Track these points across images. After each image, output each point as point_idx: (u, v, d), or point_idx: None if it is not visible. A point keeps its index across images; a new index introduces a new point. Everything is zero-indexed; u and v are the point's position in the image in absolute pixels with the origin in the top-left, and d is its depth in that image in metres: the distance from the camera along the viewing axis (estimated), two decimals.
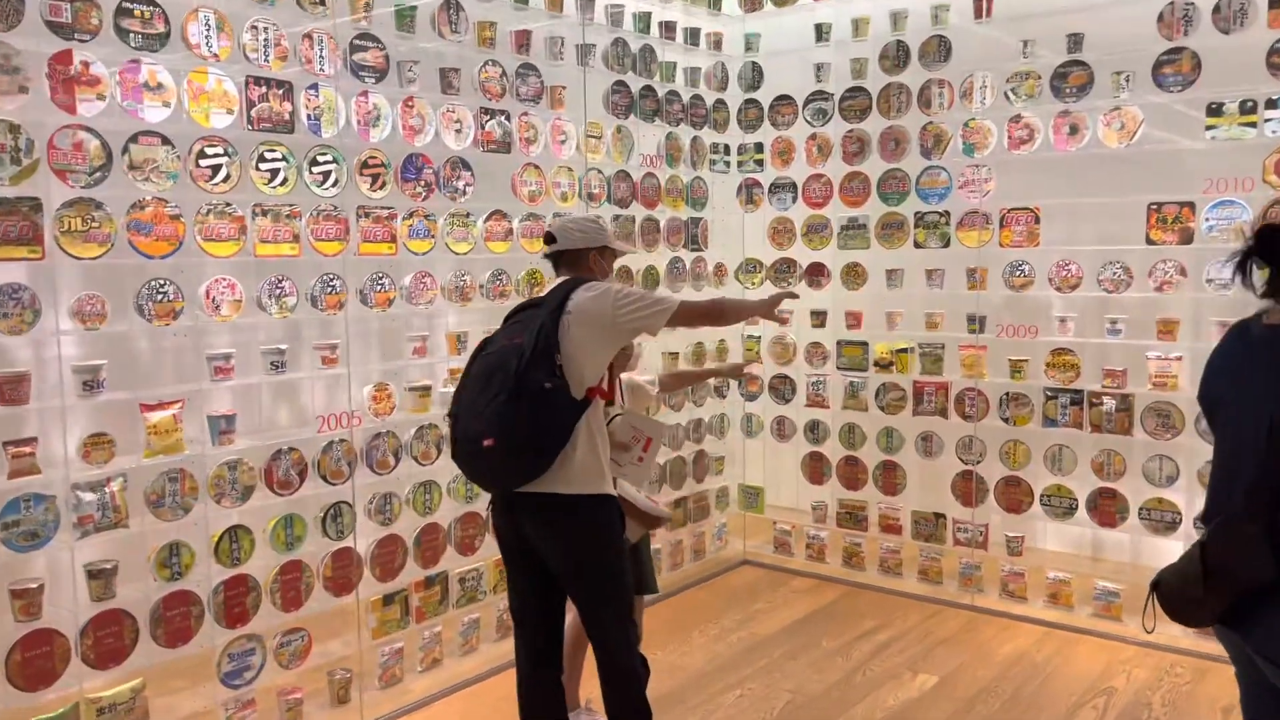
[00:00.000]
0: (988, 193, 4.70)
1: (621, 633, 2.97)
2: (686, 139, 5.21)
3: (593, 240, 3.01)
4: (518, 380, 2.71)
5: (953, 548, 4.94)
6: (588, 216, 3.05)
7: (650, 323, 2.84)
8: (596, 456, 2.82)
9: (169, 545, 3.21)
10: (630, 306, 2.81)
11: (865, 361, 5.17)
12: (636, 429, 3.26)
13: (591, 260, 3.01)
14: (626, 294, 2.84)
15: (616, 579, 2.92)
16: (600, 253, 3.03)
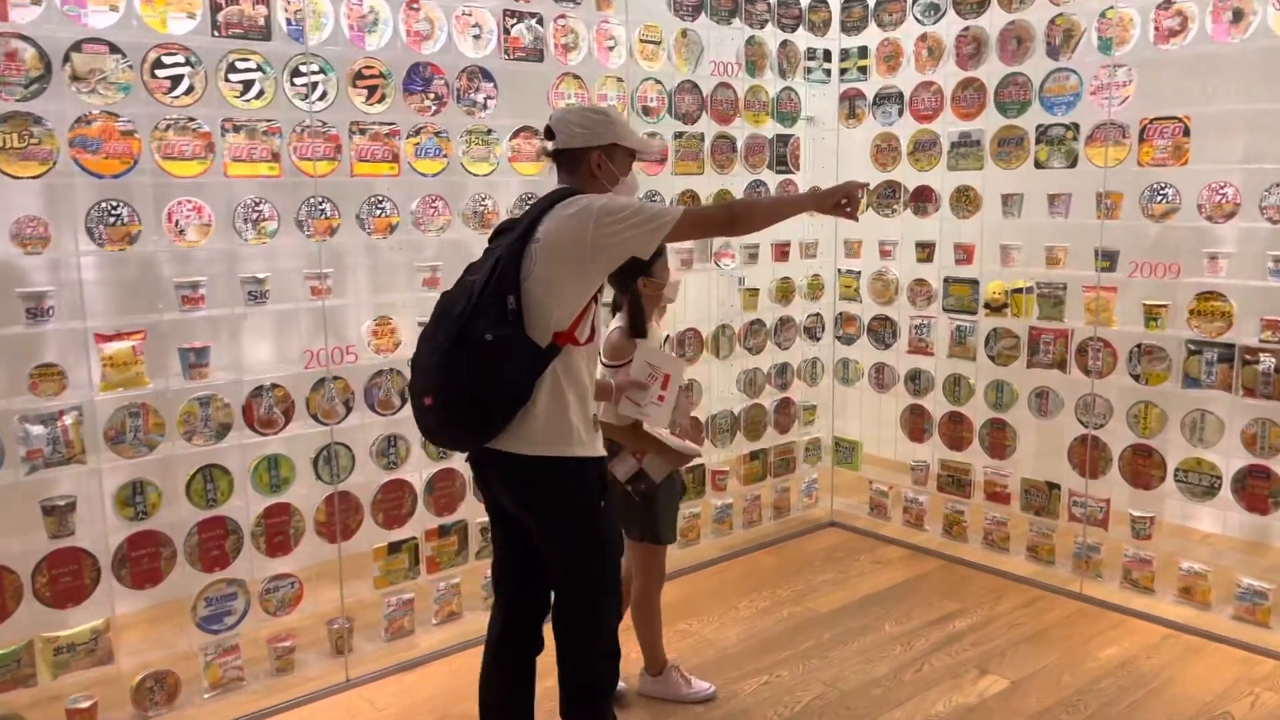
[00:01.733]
0: (1125, 99, 3.82)
1: (587, 623, 2.55)
2: (773, 44, 4.56)
3: (596, 136, 2.46)
4: (459, 329, 2.32)
5: (1067, 523, 4.20)
6: (595, 107, 2.54)
7: (638, 243, 2.33)
8: (564, 412, 2.39)
9: (132, 483, 3.05)
10: (613, 224, 2.30)
11: (974, 303, 4.42)
12: (653, 366, 2.85)
13: (594, 163, 2.47)
14: (613, 208, 2.32)
15: (584, 557, 2.50)
16: (606, 153, 2.47)
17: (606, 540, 2.53)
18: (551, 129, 2.48)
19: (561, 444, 2.39)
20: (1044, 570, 4.23)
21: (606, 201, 2.35)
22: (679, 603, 3.99)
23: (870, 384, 4.92)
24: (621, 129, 2.50)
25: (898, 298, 4.73)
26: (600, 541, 2.51)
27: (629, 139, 2.51)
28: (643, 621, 3.26)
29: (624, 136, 2.50)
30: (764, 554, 4.57)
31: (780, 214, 2.61)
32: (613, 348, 3.02)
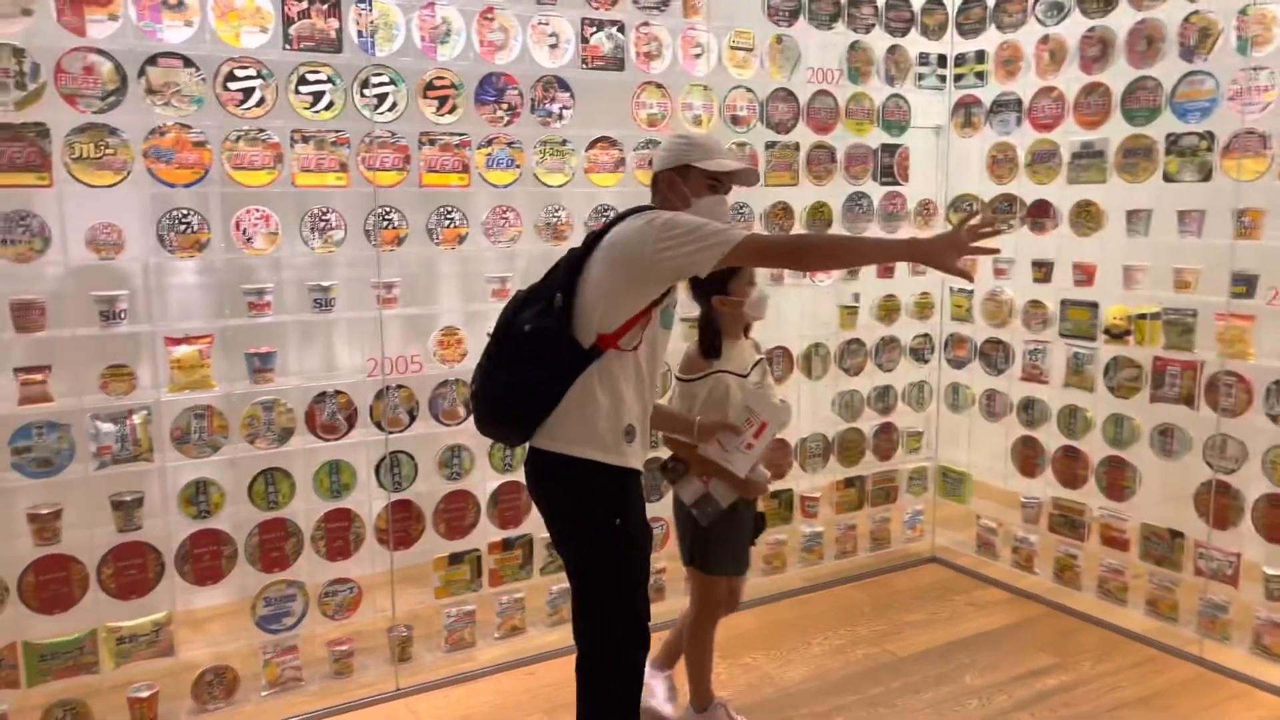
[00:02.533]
0: (1267, 106, 3.40)
1: (598, 647, 2.49)
2: (880, 49, 4.32)
3: (671, 159, 2.50)
4: (506, 321, 2.43)
5: (1192, 577, 3.77)
6: (686, 132, 2.54)
7: (695, 260, 2.27)
8: (594, 415, 2.37)
9: (195, 482, 3.15)
10: (672, 238, 2.26)
11: (1094, 328, 4.04)
12: (752, 411, 2.77)
13: (665, 185, 2.50)
14: (676, 223, 2.29)
15: (591, 571, 2.46)
16: (680, 174, 2.48)
17: (622, 559, 2.44)
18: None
19: (583, 445, 2.37)
20: (1164, 628, 3.81)
21: (672, 216, 2.32)
22: (749, 633, 3.82)
23: (981, 412, 4.58)
24: (698, 152, 2.48)
25: (1012, 320, 4.38)
26: (613, 558, 2.43)
27: (704, 162, 2.46)
28: (690, 652, 3.12)
29: (698, 159, 2.46)
30: (854, 587, 4.32)
31: (864, 258, 2.49)
32: (687, 361, 2.97)
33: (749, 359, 3.01)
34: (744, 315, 2.94)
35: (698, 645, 3.10)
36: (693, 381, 2.92)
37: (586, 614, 2.49)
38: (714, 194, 2.50)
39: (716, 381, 2.90)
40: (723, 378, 2.90)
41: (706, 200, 2.48)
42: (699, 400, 2.90)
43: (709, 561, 3.01)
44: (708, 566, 3.02)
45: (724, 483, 2.88)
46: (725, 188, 2.53)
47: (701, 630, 3.09)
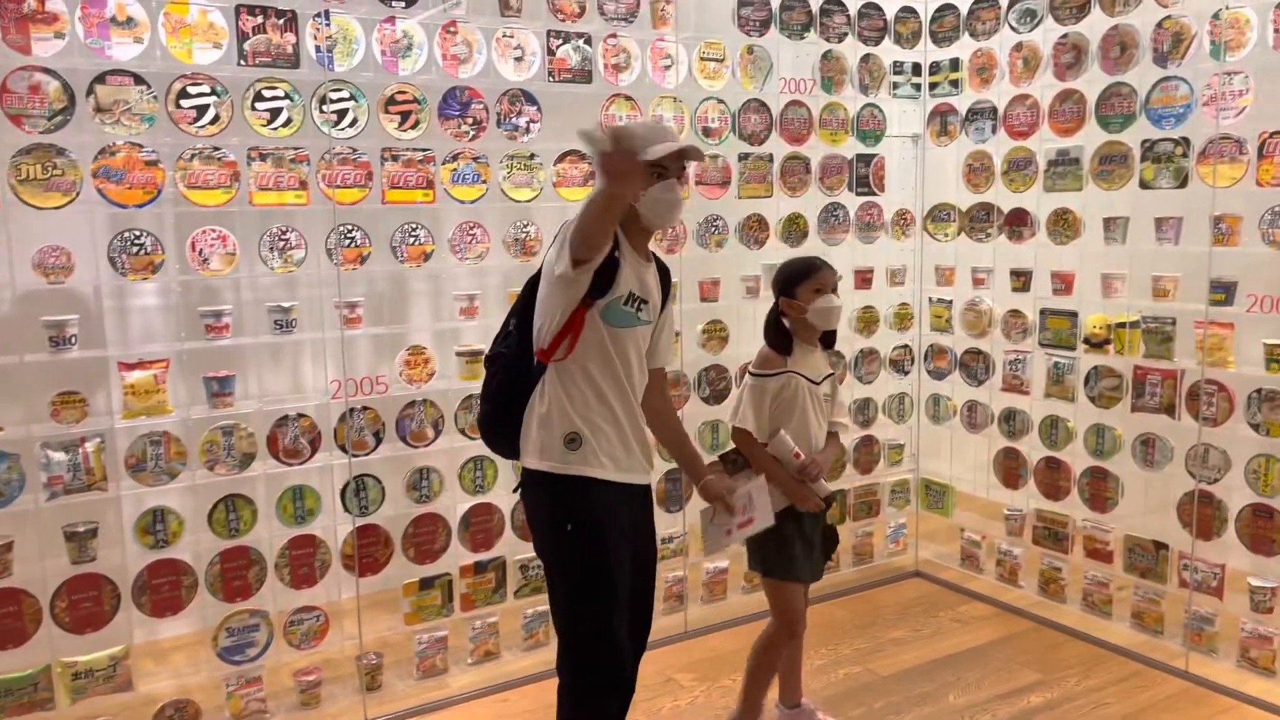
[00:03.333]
0: (1242, 111, 3.35)
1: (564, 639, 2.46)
2: (853, 58, 4.26)
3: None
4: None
5: (1177, 589, 3.70)
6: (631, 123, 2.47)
7: (560, 262, 2.23)
8: (543, 426, 2.39)
9: (152, 511, 3.06)
10: (555, 246, 2.30)
11: (1073, 338, 3.99)
12: (750, 502, 2.71)
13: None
14: (568, 228, 2.26)
15: (559, 574, 2.44)
16: None
17: (581, 566, 2.37)
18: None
19: (533, 455, 2.40)
20: (1149, 642, 3.75)
21: (570, 221, 2.25)
22: (731, 653, 3.73)
23: (962, 423, 4.52)
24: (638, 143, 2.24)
25: (992, 330, 4.33)
26: (562, 566, 2.41)
27: (651, 148, 2.31)
28: (753, 669, 3.05)
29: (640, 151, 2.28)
30: (836, 604, 4.24)
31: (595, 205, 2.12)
32: (761, 358, 2.96)
33: (822, 368, 2.98)
34: (807, 322, 2.90)
35: (765, 662, 3.04)
36: (766, 377, 2.89)
37: (555, 624, 2.49)
38: (662, 180, 2.37)
39: (788, 380, 2.88)
40: (795, 379, 2.88)
41: (655, 189, 2.36)
42: (769, 395, 2.88)
43: (773, 565, 2.93)
44: (774, 569, 2.94)
45: (788, 494, 2.86)
46: (672, 171, 2.39)
47: (775, 648, 3.03)
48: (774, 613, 3.00)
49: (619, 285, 2.36)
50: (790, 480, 2.85)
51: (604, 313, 2.36)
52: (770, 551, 2.92)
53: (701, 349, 4.02)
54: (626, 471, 2.43)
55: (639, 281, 2.43)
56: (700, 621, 3.99)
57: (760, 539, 2.89)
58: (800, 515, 2.90)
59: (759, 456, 2.87)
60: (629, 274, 2.39)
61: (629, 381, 2.44)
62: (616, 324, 2.39)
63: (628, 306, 2.39)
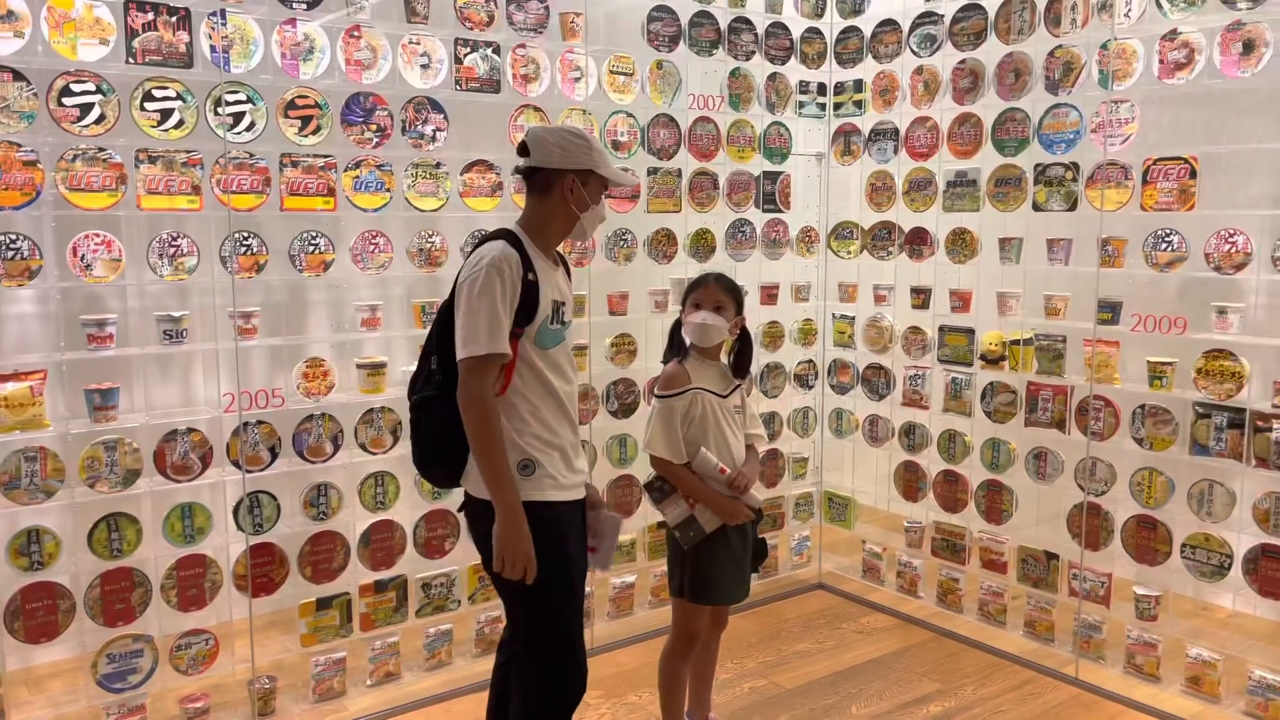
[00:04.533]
0: (1128, 138, 3.50)
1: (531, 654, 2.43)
2: (760, 76, 4.32)
3: (573, 160, 2.36)
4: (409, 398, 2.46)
5: (1067, 598, 3.83)
6: (576, 129, 2.40)
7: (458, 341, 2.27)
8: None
9: (26, 531, 2.88)
10: (459, 308, 2.28)
11: (970, 354, 4.10)
12: (600, 531, 2.61)
13: (567, 187, 2.37)
14: (469, 296, 2.25)
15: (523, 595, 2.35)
16: (581, 179, 2.38)
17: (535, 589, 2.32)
18: (526, 145, 2.38)
19: (473, 484, 2.37)
20: (1041, 649, 3.86)
21: (471, 281, 2.25)
22: (632, 672, 3.71)
23: (864, 437, 4.60)
24: (599, 156, 2.40)
25: (893, 346, 4.42)
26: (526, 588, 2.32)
27: (605, 168, 2.41)
28: (662, 683, 3.00)
29: (600, 164, 2.40)
30: (741, 618, 4.26)
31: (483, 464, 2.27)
32: (665, 377, 2.90)
33: (727, 382, 2.93)
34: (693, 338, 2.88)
35: (666, 675, 2.99)
36: (670, 398, 2.83)
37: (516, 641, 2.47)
38: (601, 199, 2.45)
39: (695, 397, 2.83)
40: (702, 395, 2.84)
41: (600, 207, 2.45)
42: (677, 415, 2.83)
43: (695, 589, 2.89)
44: (694, 594, 2.89)
45: (714, 511, 2.82)
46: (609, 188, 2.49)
47: (673, 660, 2.98)
48: (673, 625, 2.99)
49: (542, 307, 2.33)
50: (719, 497, 2.82)
51: (536, 339, 2.34)
52: (689, 577, 2.88)
53: (610, 363, 4.00)
54: (574, 489, 2.43)
55: (558, 288, 2.41)
56: (607, 638, 3.96)
57: (680, 565, 2.89)
58: (729, 534, 2.86)
59: (681, 478, 2.83)
60: (547, 289, 2.35)
61: (568, 397, 2.42)
62: (549, 345, 2.37)
63: (554, 324, 2.37)
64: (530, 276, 2.29)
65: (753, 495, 2.88)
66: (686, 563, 2.88)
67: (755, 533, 2.99)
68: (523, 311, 2.28)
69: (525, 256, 2.31)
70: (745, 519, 2.87)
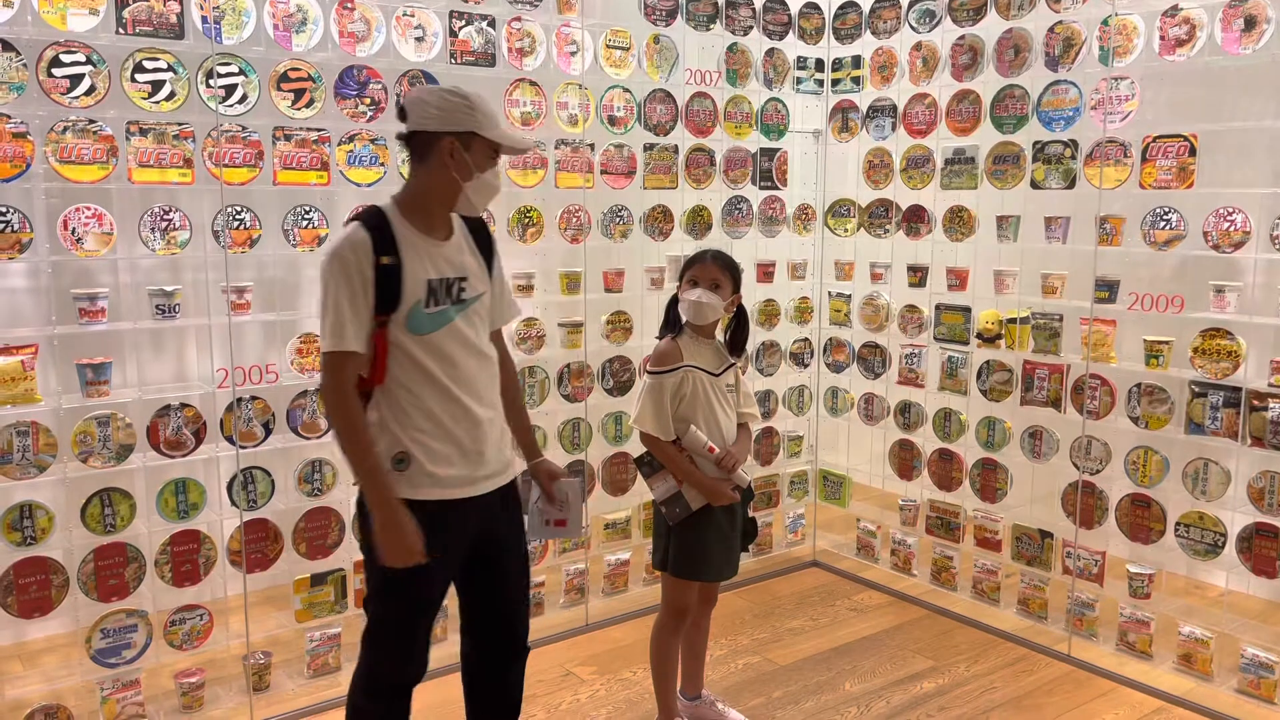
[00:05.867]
0: (1127, 115, 3.48)
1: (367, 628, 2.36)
2: (758, 52, 4.28)
3: (452, 121, 2.16)
4: None
5: (1061, 576, 3.84)
6: (457, 90, 2.18)
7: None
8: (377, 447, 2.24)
9: (19, 506, 2.87)
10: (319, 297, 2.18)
11: (967, 333, 4.09)
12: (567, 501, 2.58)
13: (446, 151, 2.17)
14: (323, 286, 2.14)
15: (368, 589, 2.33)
16: (463, 142, 2.17)
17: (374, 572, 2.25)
18: (404, 109, 2.20)
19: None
20: (1034, 627, 3.88)
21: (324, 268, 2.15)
22: (627, 648, 3.72)
23: (859, 415, 4.60)
24: (484, 118, 2.18)
25: (889, 324, 4.41)
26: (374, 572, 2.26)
27: (490, 130, 2.19)
28: (654, 660, 3.01)
29: (485, 126, 2.18)
30: (735, 595, 4.27)
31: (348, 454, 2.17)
32: (657, 354, 2.87)
33: (721, 360, 2.91)
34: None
35: (657, 653, 2.99)
36: (662, 374, 2.81)
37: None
38: (493, 165, 2.24)
39: (686, 375, 2.80)
40: (694, 373, 2.82)
41: (489, 174, 2.23)
42: (668, 392, 2.80)
43: (680, 565, 2.88)
44: (679, 570, 2.89)
45: (700, 491, 2.81)
46: (499, 155, 2.26)
47: (663, 636, 2.98)
48: (663, 600, 2.99)
49: (406, 294, 2.15)
50: (704, 477, 2.81)
51: (408, 325, 2.17)
52: (675, 552, 2.88)
53: (605, 340, 3.99)
54: (469, 485, 2.26)
55: (438, 265, 2.21)
56: (601, 614, 3.97)
57: (665, 539, 2.89)
58: (716, 512, 2.85)
59: (669, 455, 2.82)
60: (418, 270, 2.17)
61: (462, 384, 2.24)
62: (426, 329, 2.19)
63: (432, 307, 2.19)
64: (386, 260, 2.12)
65: (741, 475, 2.86)
66: (673, 538, 2.87)
67: (746, 511, 2.98)
68: (382, 298, 2.13)
69: (386, 236, 2.14)
70: (730, 500, 2.85)
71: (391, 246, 2.15)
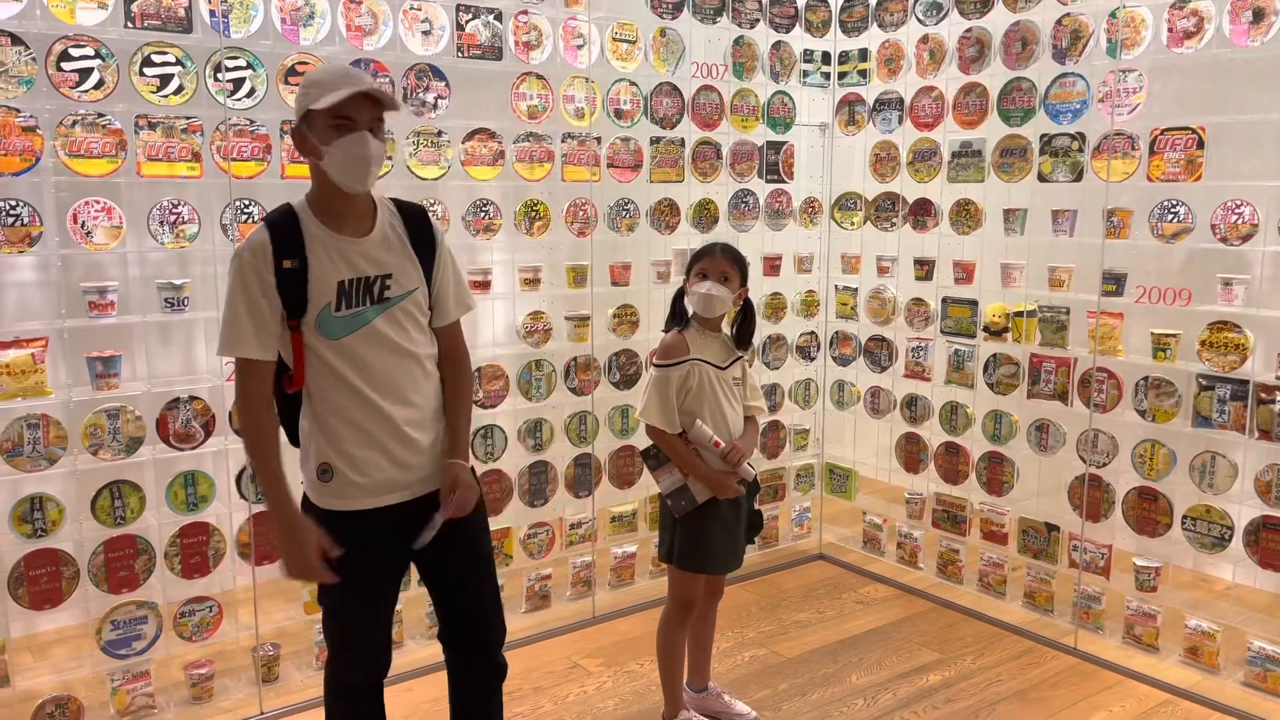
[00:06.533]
0: (1135, 108, 3.47)
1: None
2: (765, 45, 4.28)
3: (298, 110, 2.07)
4: None
5: (1067, 569, 3.84)
6: (308, 74, 2.08)
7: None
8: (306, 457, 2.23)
9: (29, 498, 2.89)
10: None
11: (973, 326, 4.09)
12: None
13: (296, 143, 2.10)
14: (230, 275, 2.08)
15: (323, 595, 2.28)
16: (307, 124, 2.05)
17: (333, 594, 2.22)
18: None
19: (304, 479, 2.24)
20: (1040, 620, 3.88)
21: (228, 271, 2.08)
22: (634, 640, 3.74)
23: (866, 408, 4.60)
24: (313, 90, 2.01)
25: (895, 318, 4.41)
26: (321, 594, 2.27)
27: (320, 100, 1.98)
28: (660, 653, 3.01)
29: (315, 98, 1.99)
30: (741, 588, 4.28)
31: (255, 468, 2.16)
32: (664, 347, 2.86)
33: (728, 353, 2.90)
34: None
35: (663, 645, 2.99)
36: (668, 367, 2.81)
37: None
38: (342, 135, 2.01)
39: (692, 368, 2.80)
40: (700, 366, 2.81)
41: (338, 145, 2.01)
42: (673, 385, 2.79)
43: (685, 558, 2.89)
44: (684, 562, 2.89)
45: (706, 484, 2.81)
46: (360, 124, 2.03)
47: (669, 628, 2.98)
48: (669, 592, 2.99)
49: (314, 298, 2.05)
50: (709, 471, 2.80)
51: (319, 329, 2.07)
52: (680, 544, 2.88)
53: (612, 333, 4.00)
54: (397, 490, 2.17)
55: (352, 263, 2.09)
56: (608, 606, 3.98)
57: (671, 532, 2.89)
58: (722, 505, 2.86)
59: (674, 448, 2.82)
60: (327, 271, 2.06)
61: (379, 387, 2.12)
62: (339, 333, 2.08)
63: (344, 310, 2.07)
64: (288, 264, 2.02)
65: (747, 468, 2.85)
66: (678, 530, 2.88)
67: (752, 504, 2.98)
68: (287, 304, 2.04)
69: (292, 237, 2.05)
70: (735, 494, 2.84)
71: (297, 248, 2.05)
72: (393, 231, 2.18)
